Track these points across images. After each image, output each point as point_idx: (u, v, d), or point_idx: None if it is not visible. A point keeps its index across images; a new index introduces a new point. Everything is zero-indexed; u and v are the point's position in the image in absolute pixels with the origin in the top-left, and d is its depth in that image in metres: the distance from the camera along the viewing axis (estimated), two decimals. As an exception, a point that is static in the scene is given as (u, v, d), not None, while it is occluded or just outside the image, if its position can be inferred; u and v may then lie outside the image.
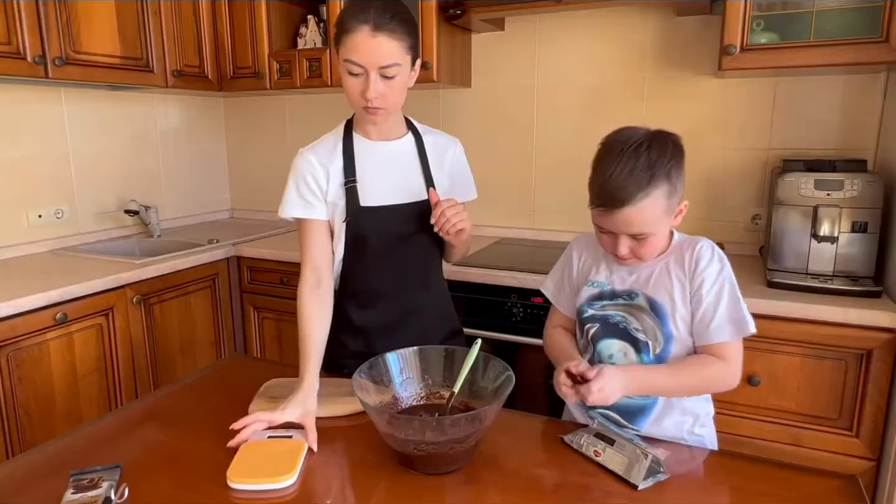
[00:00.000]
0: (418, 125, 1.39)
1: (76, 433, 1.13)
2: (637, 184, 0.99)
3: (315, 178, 1.27)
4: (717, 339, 1.06)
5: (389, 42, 1.14)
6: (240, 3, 2.56)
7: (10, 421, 1.72)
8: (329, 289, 1.28)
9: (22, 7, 1.90)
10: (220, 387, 1.31)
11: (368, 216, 1.28)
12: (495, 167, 2.53)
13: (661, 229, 1.05)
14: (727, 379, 1.07)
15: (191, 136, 2.97)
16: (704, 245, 1.10)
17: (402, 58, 1.18)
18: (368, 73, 1.16)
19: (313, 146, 1.32)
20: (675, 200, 1.04)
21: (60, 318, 1.80)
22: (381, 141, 1.32)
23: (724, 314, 1.06)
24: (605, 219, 1.05)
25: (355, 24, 1.14)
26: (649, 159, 0.99)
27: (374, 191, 1.28)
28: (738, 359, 1.07)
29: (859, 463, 1.61)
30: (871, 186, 1.66)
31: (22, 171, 2.25)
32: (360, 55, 1.14)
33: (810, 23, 1.70)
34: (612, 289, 1.15)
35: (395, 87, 1.20)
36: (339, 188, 1.28)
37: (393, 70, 1.17)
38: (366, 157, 1.30)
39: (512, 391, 0.97)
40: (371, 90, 1.16)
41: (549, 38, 2.37)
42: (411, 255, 1.34)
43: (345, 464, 1.01)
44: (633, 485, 0.91)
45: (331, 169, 1.28)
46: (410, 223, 1.30)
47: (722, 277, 1.07)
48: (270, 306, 2.42)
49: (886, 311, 1.51)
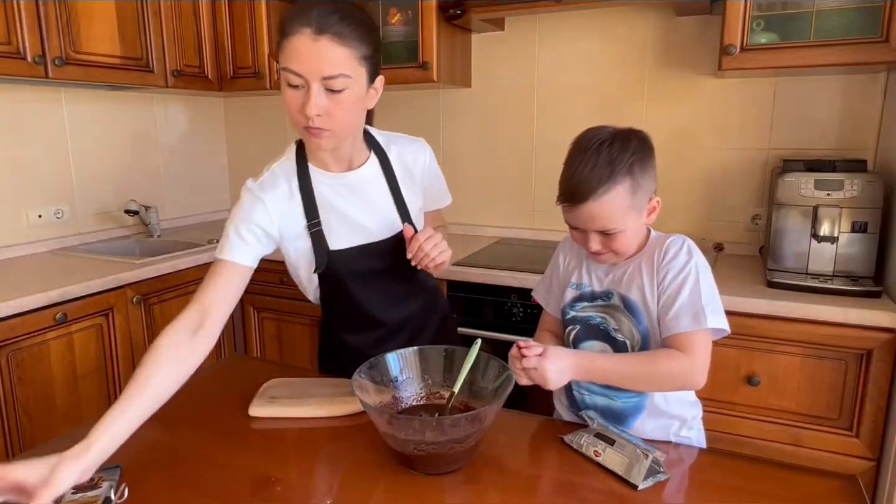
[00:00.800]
0: (378, 135, 1.24)
1: (76, 433, 1.13)
2: (598, 178, 1.00)
3: (264, 228, 1.11)
4: (675, 329, 1.02)
5: (335, 48, 0.96)
6: (240, 3, 2.56)
7: (10, 421, 1.72)
8: (208, 341, 1.01)
9: (22, 7, 1.90)
10: (220, 387, 1.31)
11: (340, 259, 1.16)
12: (495, 167, 2.53)
13: (630, 225, 1.05)
14: (688, 374, 1.01)
15: (191, 136, 2.97)
16: (675, 239, 1.09)
17: (353, 69, 1.00)
18: (309, 84, 0.98)
19: (263, 184, 1.13)
20: (641, 196, 1.04)
21: (60, 318, 1.80)
22: (343, 172, 1.17)
23: (683, 304, 1.03)
24: (570, 215, 1.06)
25: (296, 26, 0.97)
26: (610, 155, 1.01)
27: (342, 231, 1.16)
28: (703, 354, 1.01)
29: (859, 463, 1.61)
30: (871, 186, 1.66)
31: (22, 171, 2.25)
32: (298, 62, 0.97)
33: (810, 23, 1.70)
34: (592, 290, 1.15)
35: (343, 105, 1.01)
36: (303, 231, 1.15)
37: (339, 82, 0.98)
38: (328, 192, 1.15)
39: (512, 391, 0.97)
40: (311, 105, 0.98)
41: (549, 38, 2.37)
42: (393, 279, 1.24)
43: (345, 464, 1.01)
44: (633, 485, 0.91)
45: (289, 213, 1.13)
46: (387, 258, 1.20)
47: (687, 269, 1.05)
48: (270, 306, 2.42)
49: (886, 311, 1.51)
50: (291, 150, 1.19)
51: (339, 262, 1.17)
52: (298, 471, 0.99)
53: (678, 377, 1.02)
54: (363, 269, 1.19)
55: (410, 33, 2.24)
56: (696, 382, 1.02)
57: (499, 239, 2.51)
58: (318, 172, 1.16)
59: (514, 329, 1.95)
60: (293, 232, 1.15)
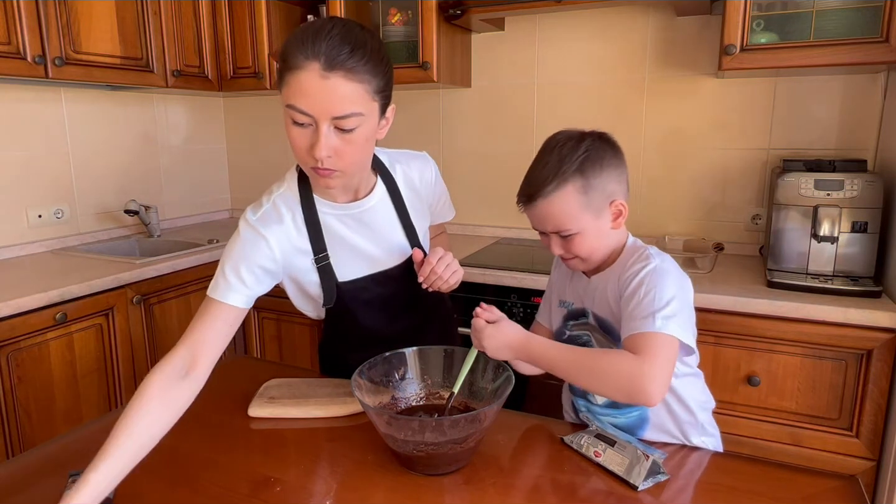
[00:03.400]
0: (382, 155, 1.17)
1: (76, 433, 1.13)
2: (545, 177, 1.01)
3: (265, 267, 1.04)
4: (627, 331, 0.94)
5: (347, 85, 0.88)
6: (240, 3, 2.56)
7: (10, 421, 1.72)
8: (197, 384, 0.96)
9: (22, 7, 1.90)
10: (220, 387, 1.31)
11: (349, 289, 1.13)
12: (495, 167, 2.53)
13: (585, 227, 1.03)
14: (637, 378, 0.87)
15: (191, 136, 2.97)
16: (642, 251, 1.04)
17: (366, 105, 0.91)
18: (318, 124, 0.90)
19: (265, 218, 1.05)
20: (596, 197, 1.01)
21: (60, 318, 1.80)
22: (350, 203, 1.10)
23: (637, 308, 0.95)
24: (528, 216, 1.08)
25: (301, 60, 0.87)
26: (561, 154, 1.02)
27: (350, 262, 1.12)
28: (658, 361, 0.89)
29: (859, 463, 1.61)
30: (871, 186, 1.66)
31: (22, 171, 2.25)
32: (306, 101, 0.88)
33: (810, 23, 1.70)
34: (576, 308, 1.14)
35: (355, 144, 0.93)
36: (310, 266, 1.10)
37: (352, 121, 0.90)
38: (335, 224, 1.10)
39: (512, 391, 0.97)
40: (321, 147, 0.90)
41: (549, 38, 2.37)
42: (401, 301, 1.22)
43: (345, 464, 1.01)
44: (634, 485, 0.91)
45: (294, 249, 1.08)
46: (397, 283, 1.17)
47: (644, 273, 0.98)
48: (270, 306, 2.42)
49: (886, 311, 1.51)
50: (292, 177, 1.09)
51: (348, 293, 1.13)
52: (298, 471, 0.99)
53: (625, 379, 0.89)
54: (372, 297, 1.17)
55: (410, 33, 2.24)
56: (648, 392, 0.87)
57: (499, 239, 2.51)
58: (323, 203, 1.09)
59: (514, 329, 1.95)
60: (299, 268, 1.10)
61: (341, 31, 0.89)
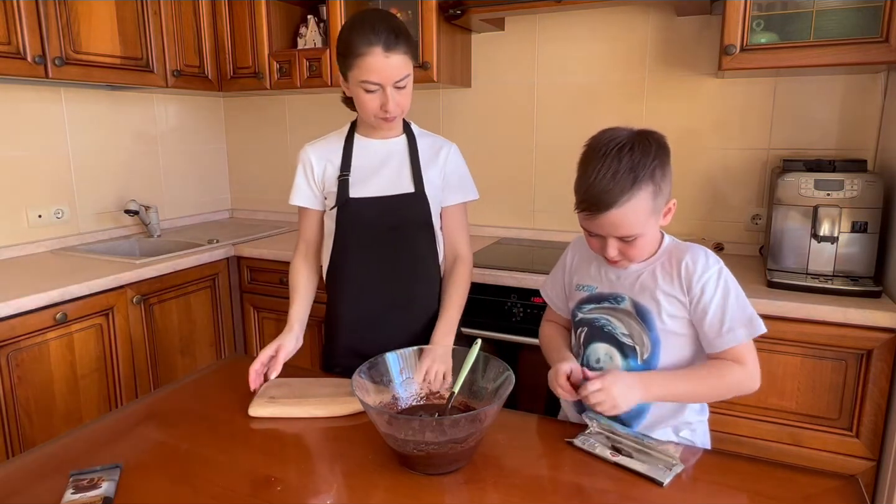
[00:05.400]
0: (416, 129, 1.46)
1: (76, 433, 1.13)
2: (621, 187, 0.98)
3: (313, 172, 1.41)
4: (730, 343, 1.04)
5: (400, 58, 1.25)
6: (240, 3, 2.56)
7: (10, 421, 1.72)
8: (316, 258, 1.48)
9: (22, 7, 1.90)
10: (220, 387, 1.31)
11: (354, 206, 1.36)
12: (495, 167, 2.53)
13: (649, 230, 1.04)
14: (748, 382, 1.05)
15: (191, 136, 2.97)
16: (696, 251, 1.07)
17: (410, 68, 1.29)
18: (385, 88, 1.26)
19: (315, 143, 1.44)
20: (661, 200, 1.03)
21: (60, 318, 1.80)
22: (377, 139, 1.41)
23: (733, 318, 1.04)
24: (590, 222, 1.04)
25: (366, 48, 1.22)
26: (632, 161, 0.98)
27: (363, 183, 1.38)
28: (756, 360, 1.05)
29: (859, 463, 1.61)
30: (871, 186, 1.66)
31: (22, 171, 2.25)
32: (376, 75, 1.24)
33: (810, 23, 1.70)
34: (600, 292, 1.14)
35: (406, 95, 1.31)
36: (335, 181, 1.38)
37: (405, 81, 1.28)
38: (362, 153, 1.41)
39: (512, 391, 0.97)
40: (391, 105, 1.27)
41: (549, 38, 2.37)
42: (397, 245, 1.39)
43: (345, 463, 1.01)
44: (659, 482, 0.92)
45: (328, 164, 1.40)
46: (395, 214, 1.37)
47: (722, 281, 1.05)
48: (270, 306, 2.42)
49: (886, 311, 1.51)
50: (346, 126, 1.45)
51: (352, 208, 1.37)
52: (298, 471, 0.99)
53: (739, 387, 1.05)
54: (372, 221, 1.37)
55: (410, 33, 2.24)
56: (755, 387, 1.06)
57: (499, 239, 2.51)
58: (359, 139, 1.42)
59: (514, 329, 1.95)
60: (330, 178, 1.40)
61: (386, 23, 1.25)
